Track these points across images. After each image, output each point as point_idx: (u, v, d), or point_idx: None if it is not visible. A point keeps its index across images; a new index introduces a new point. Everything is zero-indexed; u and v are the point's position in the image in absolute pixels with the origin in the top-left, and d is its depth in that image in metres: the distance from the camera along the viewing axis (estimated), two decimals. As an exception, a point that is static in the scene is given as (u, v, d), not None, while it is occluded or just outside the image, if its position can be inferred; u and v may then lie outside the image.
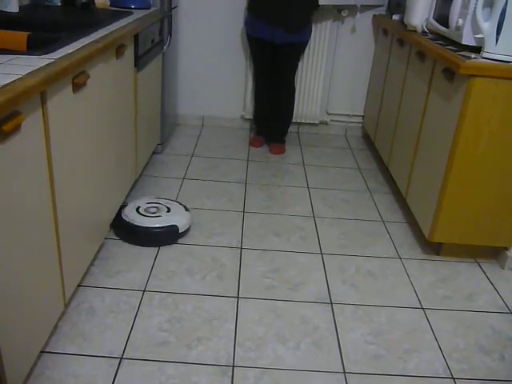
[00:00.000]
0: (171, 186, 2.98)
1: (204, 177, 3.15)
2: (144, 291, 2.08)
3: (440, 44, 2.46)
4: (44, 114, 1.48)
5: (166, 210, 2.52)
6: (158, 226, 2.41)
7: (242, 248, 2.44)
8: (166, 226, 2.41)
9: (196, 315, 1.97)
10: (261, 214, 2.77)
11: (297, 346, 1.87)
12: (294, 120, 3.82)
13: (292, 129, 3.99)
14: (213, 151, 3.57)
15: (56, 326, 1.85)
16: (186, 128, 3.97)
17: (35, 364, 1.68)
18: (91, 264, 2.21)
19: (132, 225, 2.41)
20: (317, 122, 4.01)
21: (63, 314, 1.92)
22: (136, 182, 2.95)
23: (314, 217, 2.78)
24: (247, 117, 3.98)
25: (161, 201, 2.62)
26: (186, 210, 2.57)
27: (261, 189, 3.06)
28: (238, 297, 2.10)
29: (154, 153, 3.38)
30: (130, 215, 2.45)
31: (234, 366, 1.75)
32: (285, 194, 3.03)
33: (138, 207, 2.51)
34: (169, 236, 2.44)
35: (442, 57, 2.29)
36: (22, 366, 1.49)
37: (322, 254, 2.45)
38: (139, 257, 2.30)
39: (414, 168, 2.67)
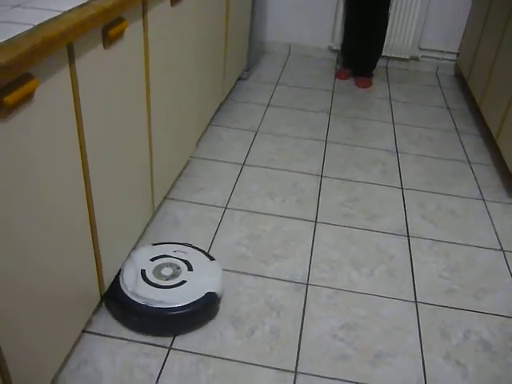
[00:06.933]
0: (255, 112, 3.01)
1: (288, 105, 3.15)
2: (226, 208, 2.16)
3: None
4: (144, 24, 1.52)
5: (186, 267, 1.67)
6: (185, 303, 1.55)
7: (322, 176, 2.45)
8: (201, 299, 1.57)
9: (274, 235, 2.04)
10: (343, 145, 2.75)
11: (371, 272, 1.90)
12: (383, 54, 3.69)
13: (380, 63, 3.86)
14: (298, 80, 3.53)
15: (144, 232, 1.97)
16: (273, 56, 3.94)
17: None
18: (177, 179, 2.31)
19: (138, 306, 1.53)
20: (407, 56, 3.86)
21: (150, 221, 2.04)
22: (222, 104, 3.00)
23: (396, 152, 2.74)
24: (335, 48, 3.88)
25: (168, 250, 1.73)
26: (210, 258, 1.74)
27: (344, 121, 3.03)
28: (315, 221, 2.14)
29: (239, 79, 3.40)
30: (137, 289, 1.57)
31: (307, 284, 1.81)
32: (369, 127, 2.98)
33: (143, 271, 1.63)
34: (207, 311, 1.61)
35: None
36: (113, 263, 1.61)
37: (402, 188, 2.42)
38: (221, 176, 2.37)
39: (510, 108, 2.53)
